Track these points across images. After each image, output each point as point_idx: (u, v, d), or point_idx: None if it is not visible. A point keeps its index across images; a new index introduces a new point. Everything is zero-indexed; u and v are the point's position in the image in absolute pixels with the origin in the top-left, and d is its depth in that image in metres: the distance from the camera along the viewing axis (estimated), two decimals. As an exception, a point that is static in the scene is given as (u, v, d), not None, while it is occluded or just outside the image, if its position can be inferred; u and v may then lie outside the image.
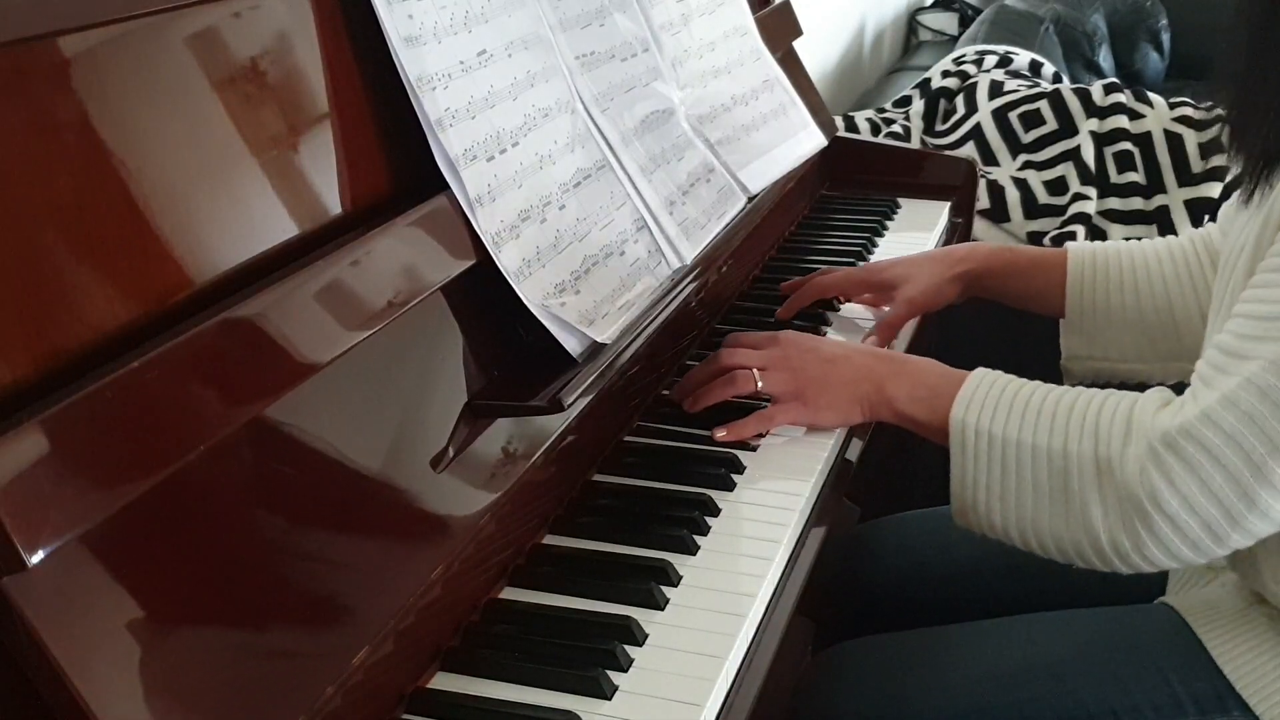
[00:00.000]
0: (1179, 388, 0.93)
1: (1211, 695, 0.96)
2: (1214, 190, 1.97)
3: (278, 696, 0.65)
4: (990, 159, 2.09)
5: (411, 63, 0.86)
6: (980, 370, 0.99)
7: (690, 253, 1.11)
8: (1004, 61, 2.39)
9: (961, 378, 0.98)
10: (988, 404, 0.95)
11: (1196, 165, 2.00)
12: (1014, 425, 0.93)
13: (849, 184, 1.67)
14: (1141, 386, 1.23)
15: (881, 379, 1.02)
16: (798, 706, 1.08)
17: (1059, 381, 1.27)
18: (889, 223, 1.56)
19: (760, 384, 1.04)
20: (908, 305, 1.26)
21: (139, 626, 0.60)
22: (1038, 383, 0.97)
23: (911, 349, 1.30)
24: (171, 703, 0.60)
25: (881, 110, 2.29)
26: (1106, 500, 0.88)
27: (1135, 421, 0.89)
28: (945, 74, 2.30)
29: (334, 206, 0.82)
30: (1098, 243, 1.26)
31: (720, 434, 1.03)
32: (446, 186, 0.87)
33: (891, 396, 1.01)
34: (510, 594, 0.87)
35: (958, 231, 1.60)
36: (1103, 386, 1.25)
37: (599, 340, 0.94)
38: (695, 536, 0.92)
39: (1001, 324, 1.53)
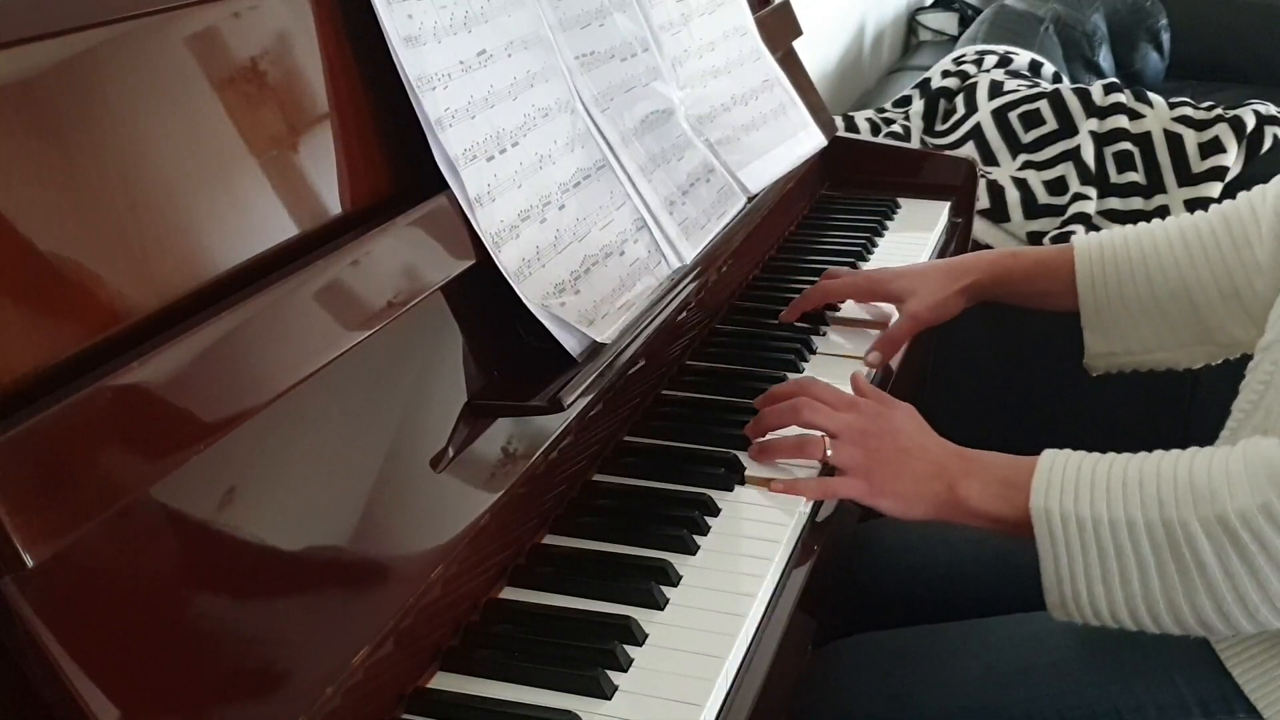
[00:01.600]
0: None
1: (1217, 696, 0.96)
2: (1214, 190, 1.97)
3: (278, 696, 0.65)
4: (990, 159, 2.09)
5: (411, 63, 0.86)
6: (1048, 452, 0.94)
7: (690, 253, 1.11)
8: (1004, 61, 2.39)
9: (1031, 464, 0.93)
10: (1067, 486, 0.90)
11: (1196, 165, 2.00)
12: (1101, 503, 0.88)
13: (849, 184, 1.67)
14: (1168, 374, 1.23)
15: (953, 479, 0.96)
16: (798, 703, 1.08)
17: (1059, 378, 1.27)
18: (889, 223, 1.56)
19: (830, 453, 0.99)
20: (912, 321, 1.24)
21: (138, 627, 0.60)
22: (1110, 455, 0.92)
23: (911, 349, 1.29)
24: (171, 703, 0.60)
25: (881, 110, 2.29)
26: (1228, 559, 0.84)
27: (1252, 473, 0.84)
28: (945, 74, 2.30)
29: (334, 206, 0.82)
30: (1104, 233, 1.23)
31: (777, 486, 0.99)
32: (446, 186, 0.87)
33: (964, 497, 0.95)
34: (510, 594, 0.87)
35: (958, 231, 1.60)
36: (1129, 376, 1.25)
37: (599, 340, 0.94)
38: (695, 536, 0.92)
39: (1001, 323, 1.53)
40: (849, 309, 1.32)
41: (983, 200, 1.98)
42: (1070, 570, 0.90)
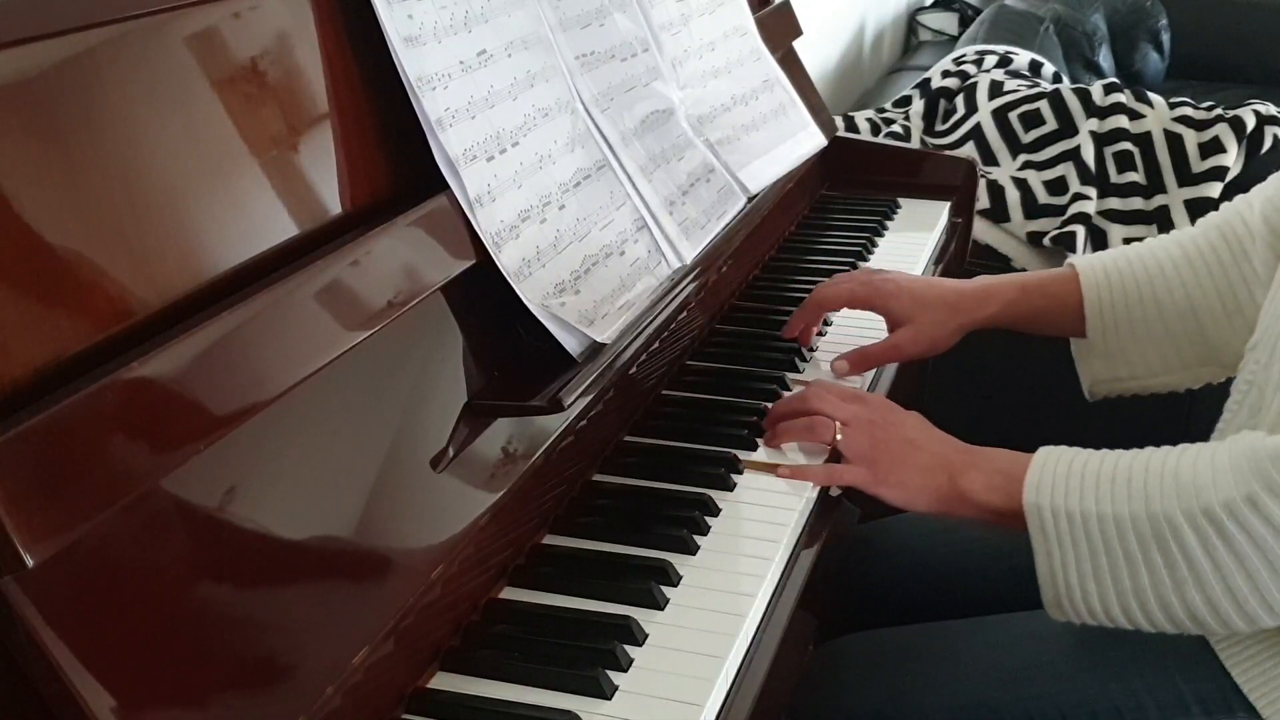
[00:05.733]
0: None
1: (1217, 695, 0.96)
2: (1214, 190, 1.97)
3: (278, 696, 0.65)
4: (990, 159, 2.09)
5: (411, 63, 0.86)
6: (1044, 450, 0.95)
7: (690, 253, 1.11)
8: (1004, 61, 2.39)
9: (1029, 460, 0.94)
10: (1058, 482, 0.91)
11: (1196, 165, 2.00)
12: (1090, 499, 0.89)
13: (849, 184, 1.67)
14: (1169, 398, 1.22)
15: (955, 472, 0.97)
16: (800, 700, 1.08)
17: (1064, 392, 1.26)
18: (889, 223, 1.56)
19: (840, 439, 1.01)
20: (895, 351, 1.20)
21: (138, 627, 0.60)
22: (1104, 451, 0.93)
23: (904, 364, 1.29)
24: (171, 703, 0.60)
25: (881, 110, 2.29)
26: (1214, 551, 0.85)
27: (1236, 464, 0.85)
28: (945, 74, 2.30)
29: (334, 206, 0.82)
30: (1108, 255, 1.21)
31: (783, 471, 1.01)
32: (446, 186, 0.87)
33: (966, 489, 0.96)
34: (510, 594, 0.87)
35: (958, 231, 1.60)
36: (1130, 400, 1.24)
37: (599, 340, 0.94)
38: (695, 536, 0.92)
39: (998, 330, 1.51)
40: (846, 313, 1.28)
41: (983, 200, 1.98)
42: (1063, 566, 0.91)
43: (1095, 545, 0.89)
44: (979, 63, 2.35)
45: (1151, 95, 2.11)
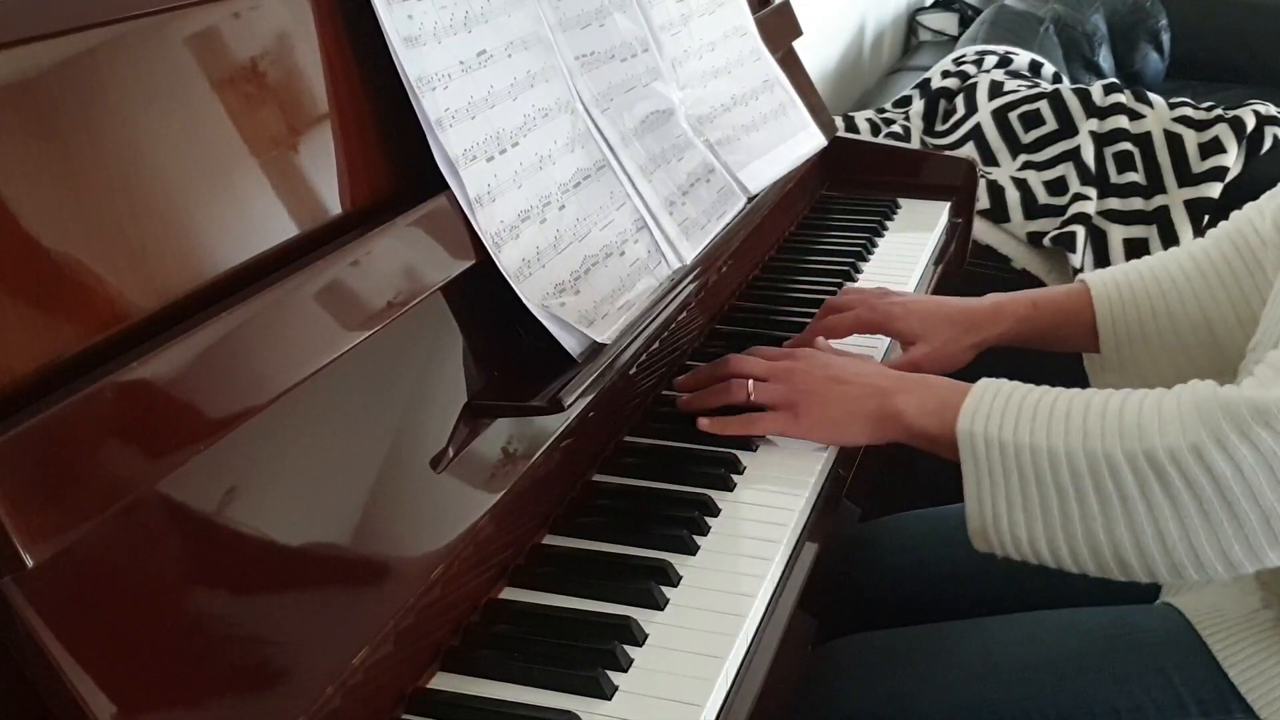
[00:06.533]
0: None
1: (1214, 696, 0.96)
2: (1214, 190, 1.97)
3: (278, 696, 0.65)
4: (990, 159, 2.09)
5: (411, 63, 0.86)
6: (984, 380, 0.95)
7: (690, 253, 1.11)
8: (1004, 62, 2.39)
9: (968, 389, 0.94)
10: (994, 411, 0.91)
11: (1196, 165, 2.00)
12: (1025, 430, 0.88)
13: (849, 184, 1.67)
14: None
15: (889, 394, 0.97)
16: (799, 702, 1.08)
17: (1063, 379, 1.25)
18: (889, 223, 1.56)
19: (753, 394, 1.02)
20: (912, 367, 1.17)
21: (138, 627, 0.60)
22: (1046, 387, 0.93)
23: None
24: (170, 703, 0.60)
25: (881, 110, 2.29)
26: (1151, 492, 0.84)
27: (1185, 412, 0.84)
28: (945, 74, 2.30)
29: (334, 206, 0.82)
30: (1119, 270, 1.20)
31: (704, 422, 1.03)
32: (446, 186, 0.87)
33: (899, 410, 0.97)
34: (510, 594, 0.87)
35: (958, 232, 1.60)
36: None
37: (599, 340, 0.94)
38: (695, 536, 0.92)
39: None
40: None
41: (983, 200, 1.98)
42: (992, 496, 0.90)
43: (1026, 477, 0.88)
44: (979, 63, 2.35)
45: (1151, 95, 2.11)
